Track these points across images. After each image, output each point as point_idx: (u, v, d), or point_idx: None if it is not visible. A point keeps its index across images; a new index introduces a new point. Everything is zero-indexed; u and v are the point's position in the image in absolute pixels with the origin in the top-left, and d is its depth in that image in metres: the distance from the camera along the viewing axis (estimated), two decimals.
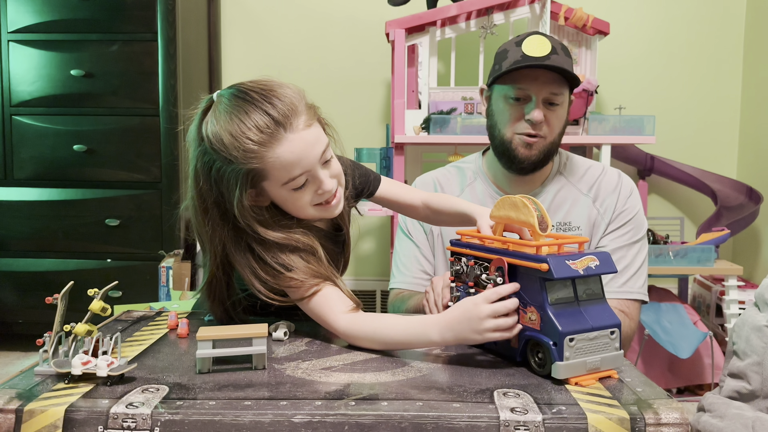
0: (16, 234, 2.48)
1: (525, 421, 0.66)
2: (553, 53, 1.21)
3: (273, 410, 0.68)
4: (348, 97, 2.81)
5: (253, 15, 2.86)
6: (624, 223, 1.34)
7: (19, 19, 2.42)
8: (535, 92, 1.24)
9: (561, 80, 1.24)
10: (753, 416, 1.05)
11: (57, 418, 0.67)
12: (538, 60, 1.20)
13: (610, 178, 1.37)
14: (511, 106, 1.27)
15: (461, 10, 2.29)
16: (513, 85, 1.25)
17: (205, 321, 1.06)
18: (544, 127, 1.26)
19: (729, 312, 2.25)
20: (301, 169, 0.91)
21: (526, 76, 1.24)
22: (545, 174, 1.37)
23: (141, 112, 2.43)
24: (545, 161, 1.31)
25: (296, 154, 0.90)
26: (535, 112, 1.24)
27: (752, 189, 2.54)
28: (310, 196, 0.95)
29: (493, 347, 0.88)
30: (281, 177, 0.91)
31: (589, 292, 0.82)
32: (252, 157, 0.88)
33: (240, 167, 0.89)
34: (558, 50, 1.23)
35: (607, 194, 1.35)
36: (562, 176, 1.37)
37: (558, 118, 1.28)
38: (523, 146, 1.27)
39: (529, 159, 1.28)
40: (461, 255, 0.93)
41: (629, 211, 1.35)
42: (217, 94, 0.94)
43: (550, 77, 1.23)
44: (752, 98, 2.72)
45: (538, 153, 1.28)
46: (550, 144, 1.28)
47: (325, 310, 0.94)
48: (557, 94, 1.24)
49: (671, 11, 2.77)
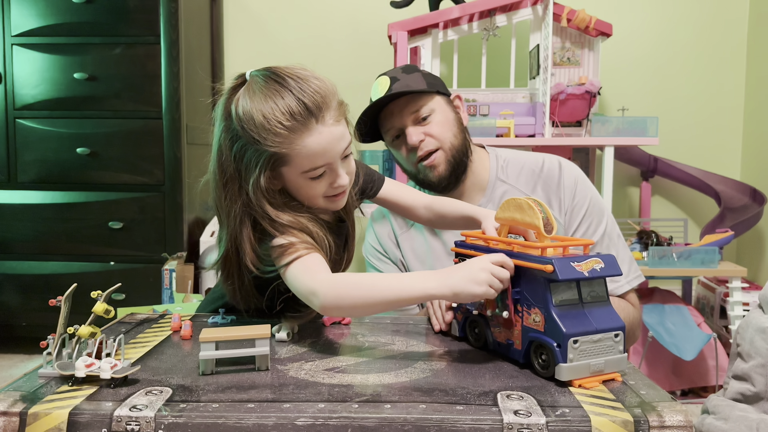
0: (20, 237, 2.48)
1: (529, 423, 0.66)
2: (394, 82, 1.25)
3: (276, 413, 0.68)
4: (350, 98, 2.78)
5: (255, 17, 2.87)
6: (582, 219, 1.28)
7: (23, 22, 2.43)
8: (399, 123, 1.28)
9: (414, 97, 1.27)
10: (758, 418, 1.05)
11: (61, 420, 0.67)
12: (380, 100, 1.25)
13: (550, 173, 1.31)
14: (397, 146, 1.32)
15: (463, 12, 2.29)
16: (384, 130, 1.32)
17: (208, 323, 1.06)
18: (430, 140, 1.27)
19: (733, 314, 2.24)
20: (324, 161, 0.93)
21: (386, 116, 1.29)
22: (482, 180, 1.34)
23: (144, 114, 2.43)
24: (456, 166, 1.29)
25: (322, 146, 0.92)
26: (409, 136, 1.27)
27: (756, 190, 2.53)
28: (325, 187, 0.96)
29: (497, 348, 0.88)
30: (303, 165, 0.93)
31: (593, 295, 0.82)
32: (279, 141, 0.90)
33: (264, 149, 0.91)
34: (399, 76, 1.26)
35: (551, 192, 1.30)
36: (502, 181, 1.33)
37: (439, 124, 1.27)
38: (428, 170, 1.28)
39: (441, 176, 1.28)
40: (466, 256, 0.93)
41: (581, 203, 1.29)
42: (249, 73, 0.96)
43: (401, 103, 1.27)
44: (756, 99, 2.71)
45: (445, 166, 1.28)
46: (450, 149, 1.28)
47: (306, 275, 0.89)
48: (417, 111, 1.27)
49: (674, 12, 2.77)
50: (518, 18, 2.36)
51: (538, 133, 2.31)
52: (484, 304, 0.89)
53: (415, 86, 1.25)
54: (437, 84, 1.30)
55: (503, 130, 2.28)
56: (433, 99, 1.28)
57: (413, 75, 1.28)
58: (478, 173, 1.34)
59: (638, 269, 1.31)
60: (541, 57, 2.33)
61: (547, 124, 2.29)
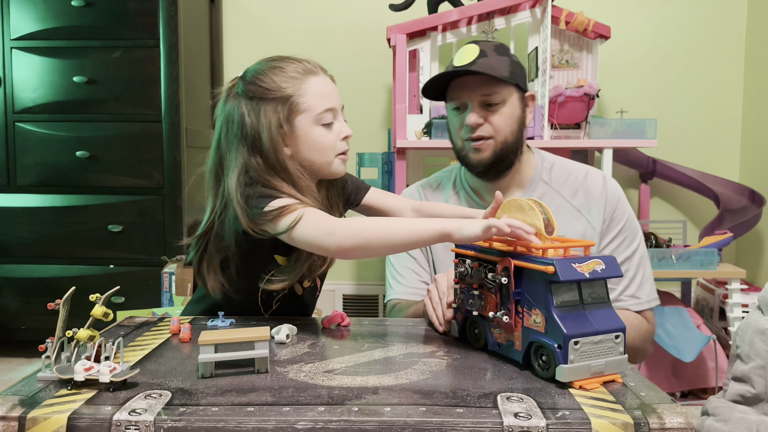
0: (20, 240, 2.48)
1: (529, 426, 0.66)
2: (481, 57, 1.22)
3: (276, 416, 0.67)
4: (349, 101, 2.79)
5: (254, 20, 2.87)
6: (617, 233, 1.32)
7: (22, 26, 2.43)
8: (467, 98, 1.26)
9: (492, 81, 1.24)
10: (757, 420, 1.05)
11: (60, 425, 0.67)
12: (460, 67, 1.23)
13: (595, 183, 1.34)
14: (455, 117, 1.30)
15: (462, 15, 2.29)
16: (450, 97, 1.30)
17: (207, 326, 1.06)
18: (487, 127, 1.26)
19: (732, 315, 2.24)
20: (331, 103, 1.05)
21: (457, 85, 1.27)
22: (524, 179, 1.35)
23: (143, 118, 2.44)
24: (502, 161, 1.28)
25: (328, 88, 1.06)
26: (469, 116, 1.25)
27: (755, 192, 2.54)
28: (335, 139, 1.05)
29: (497, 349, 0.88)
30: (316, 107, 1.03)
31: (594, 296, 0.82)
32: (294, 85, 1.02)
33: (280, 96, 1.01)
34: (488, 52, 1.23)
35: (593, 201, 1.32)
36: (544, 182, 1.34)
37: (502, 116, 1.26)
38: (472, 151, 1.28)
39: (481, 162, 1.28)
40: (466, 257, 0.93)
41: (619, 218, 1.32)
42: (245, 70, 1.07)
43: (478, 80, 1.24)
44: (754, 100, 2.71)
45: (490, 154, 1.27)
46: (502, 144, 1.27)
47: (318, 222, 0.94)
48: (490, 94, 1.24)
49: (672, 15, 2.77)
50: (517, 21, 2.36)
51: (536, 135, 2.31)
52: (484, 305, 0.89)
53: (497, 71, 1.22)
54: (519, 77, 1.28)
55: None
56: (508, 90, 1.26)
57: (502, 58, 1.25)
58: (522, 171, 1.34)
59: (655, 289, 1.35)
60: (540, 59, 2.34)
61: (545, 126, 2.29)
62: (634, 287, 1.31)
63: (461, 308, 0.95)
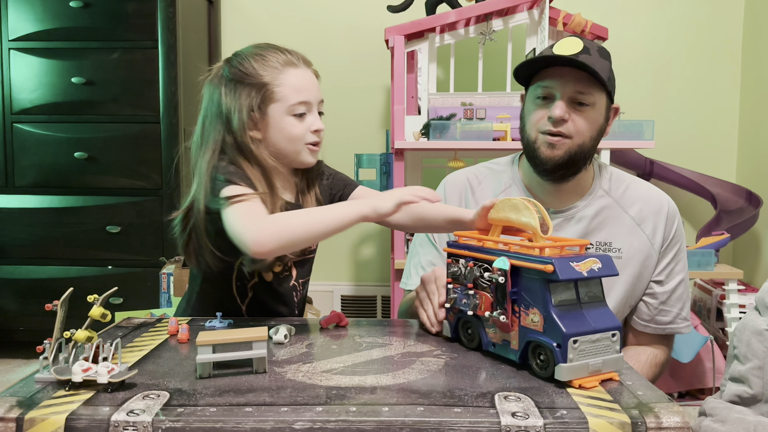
0: (17, 241, 2.48)
1: (526, 426, 0.66)
2: (584, 53, 1.15)
3: (274, 416, 0.67)
4: (348, 103, 2.82)
5: (253, 21, 2.87)
6: (676, 253, 1.30)
7: (20, 27, 2.43)
8: (559, 90, 1.18)
9: (589, 80, 1.17)
10: (755, 420, 1.05)
11: (58, 426, 0.67)
12: (565, 57, 1.15)
13: (658, 201, 1.31)
14: (537, 106, 1.21)
15: (460, 16, 2.30)
16: (539, 83, 1.21)
17: (205, 327, 1.06)
18: (570, 126, 1.18)
19: (729, 316, 2.25)
20: (306, 96, 1.08)
21: (552, 74, 1.19)
22: (584, 186, 1.29)
23: (142, 119, 2.44)
24: (572, 165, 1.22)
25: (306, 81, 1.09)
26: (556, 107, 1.17)
27: (752, 193, 2.54)
28: (305, 130, 1.09)
29: (492, 349, 0.88)
30: (290, 98, 1.07)
31: (590, 295, 0.82)
32: (269, 72, 1.06)
33: (257, 81, 1.06)
34: (591, 51, 1.16)
35: (652, 217, 1.29)
36: (606, 194, 1.30)
37: (587, 119, 1.19)
38: (546, 146, 1.20)
39: (552, 159, 1.20)
40: (459, 257, 0.93)
41: (677, 238, 1.30)
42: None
43: (576, 76, 1.16)
44: (751, 102, 2.72)
45: (563, 154, 1.19)
46: (578, 147, 1.20)
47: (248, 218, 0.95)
48: (584, 93, 1.17)
49: (669, 16, 2.78)
50: (514, 22, 2.37)
51: None
52: (479, 304, 0.89)
53: (600, 72, 1.15)
54: (613, 86, 1.23)
55: (500, 133, 2.28)
56: (600, 94, 1.20)
57: (604, 62, 1.18)
58: (583, 180, 1.29)
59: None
60: None
61: None
62: (686, 311, 1.32)
63: (454, 308, 0.95)
